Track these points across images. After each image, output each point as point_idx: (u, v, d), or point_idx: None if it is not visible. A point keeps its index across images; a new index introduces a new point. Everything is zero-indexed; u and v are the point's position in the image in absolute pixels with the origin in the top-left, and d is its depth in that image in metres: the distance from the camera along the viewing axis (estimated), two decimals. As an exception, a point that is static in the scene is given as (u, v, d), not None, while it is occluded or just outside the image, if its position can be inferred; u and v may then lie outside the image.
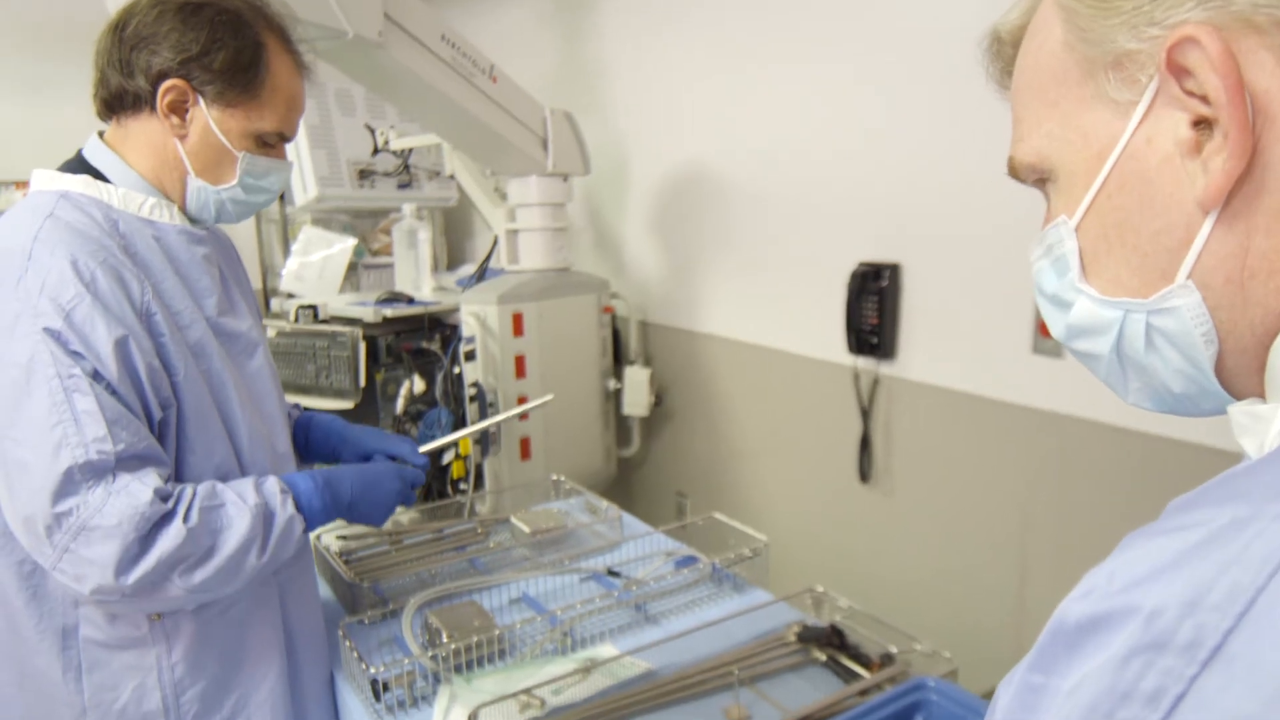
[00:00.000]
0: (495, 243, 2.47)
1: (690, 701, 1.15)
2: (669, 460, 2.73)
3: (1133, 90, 0.43)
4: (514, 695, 1.10)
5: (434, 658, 1.17)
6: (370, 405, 2.36)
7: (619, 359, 2.62)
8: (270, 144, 1.13)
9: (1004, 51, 0.55)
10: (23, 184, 3.15)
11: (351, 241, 3.02)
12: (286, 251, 3.30)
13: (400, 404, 2.34)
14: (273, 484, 1.06)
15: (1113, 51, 0.43)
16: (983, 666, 1.34)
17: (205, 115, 1.06)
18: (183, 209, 1.11)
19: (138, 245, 1.04)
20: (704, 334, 2.51)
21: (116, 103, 1.07)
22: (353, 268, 3.08)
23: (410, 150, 2.71)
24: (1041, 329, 1.68)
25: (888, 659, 1.18)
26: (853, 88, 1.96)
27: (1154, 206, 0.43)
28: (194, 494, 0.99)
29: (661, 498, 2.74)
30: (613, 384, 2.53)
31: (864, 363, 2.00)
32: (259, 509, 1.02)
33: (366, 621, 1.26)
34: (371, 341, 2.32)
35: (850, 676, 1.18)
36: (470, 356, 2.21)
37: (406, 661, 1.16)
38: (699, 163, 2.44)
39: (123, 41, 1.04)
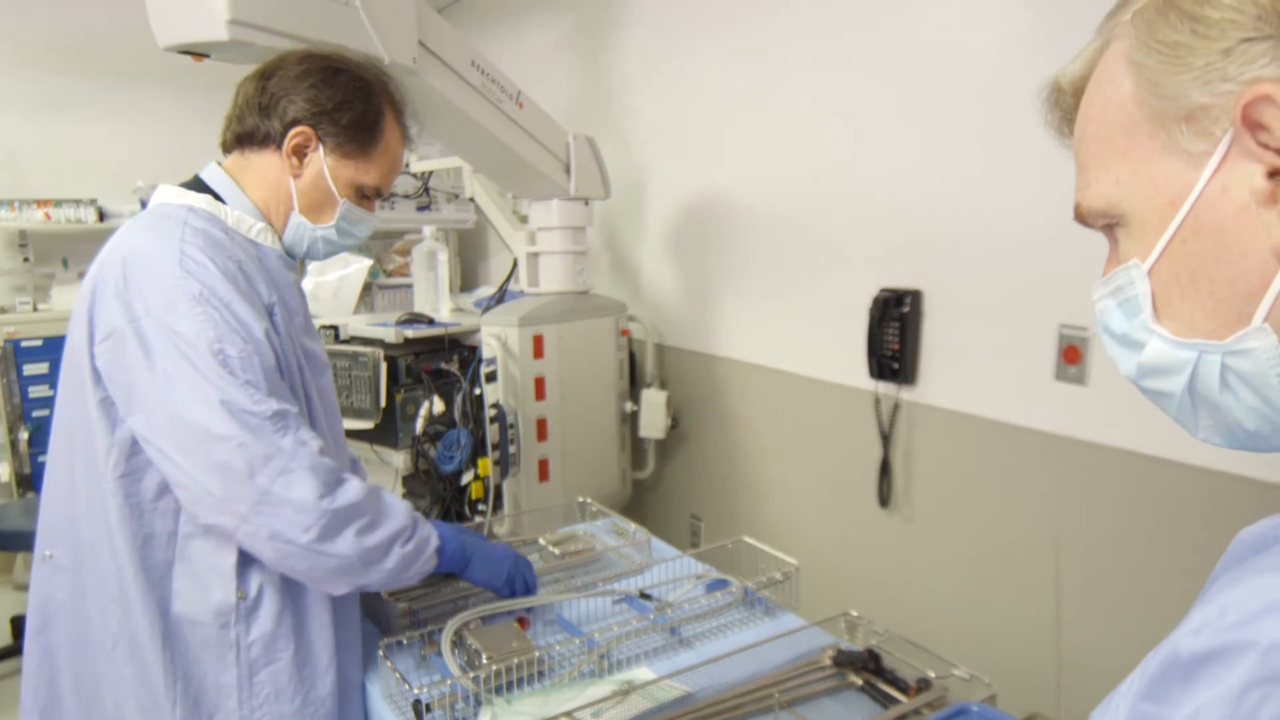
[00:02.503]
0: (515, 265, 2.49)
1: (729, 725, 1.16)
2: (683, 483, 2.74)
3: (1206, 142, 0.45)
4: (556, 718, 1.11)
5: (475, 679, 1.18)
6: (389, 426, 2.37)
7: (635, 381, 2.63)
8: (367, 196, 1.26)
9: (1063, 101, 0.57)
10: (44, 202, 3.17)
11: (367, 262, 3.05)
12: (302, 271, 3.32)
13: (420, 424, 2.35)
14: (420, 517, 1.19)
15: (1185, 105, 0.45)
16: (1012, 691, 1.35)
17: (321, 161, 1.20)
18: (279, 238, 1.23)
19: (248, 261, 1.14)
20: (721, 357, 2.52)
21: (247, 138, 1.20)
22: (367, 288, 3.10)
23: (430, 173, 2.74)
24: (1064, 356, 1.70)
25: (925, 684, 1.19)
26: (876, 115, 1.99)
27: (1230, 253, 0.44)
28: (350, 474, 1.11)
29: (676, 521, 2.75)
30: (629, 406, 2.54)
31: (885, 388, 2.02)
32: (410, 511, 1.15)
33: (405, 642, 1.26)
34: (391, 362, 2.34)
35: (887, 701, 1.19)
36: (491, 378, 2.22)
37: (449, 683, 1.16)
38: (718, 187, 2.47)
39: (265, 89, 1.18)
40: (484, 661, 1.21)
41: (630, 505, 2.65)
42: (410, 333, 2.35)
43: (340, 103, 1.18)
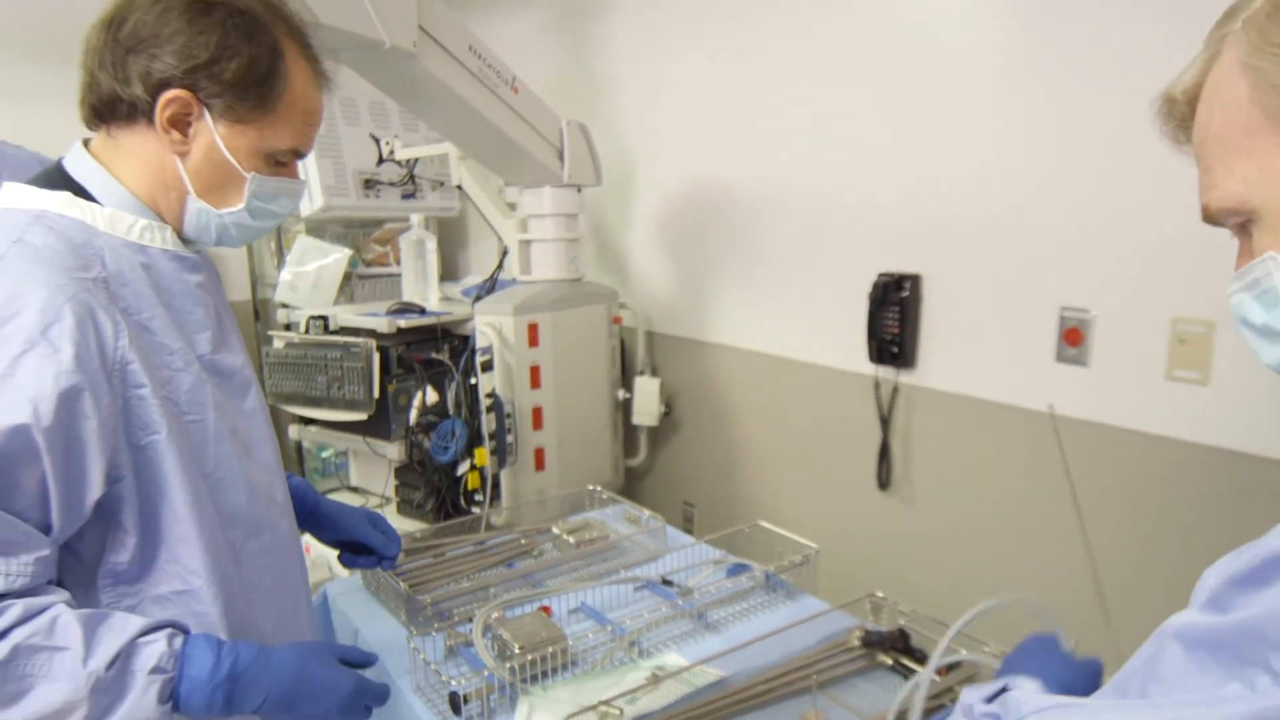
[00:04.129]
0: (505, 253, 2.46)
1: (764, 708, 1.16)
2: (676, 469, 2.74)
3: None
4: (595, 706, 1.10)
5: (510, 669, 1.17)
6: (382, 417, 2.33)
7: (627, 369, 2.62)
8: (283, 162, 1.00)
9: (1177, 110, 0.59)
10: None
11: (347, 252, 2.99)
12: (279, 262, 3.25)
13: (413, 415, 2.32)
14: (153, 652, 0.82)
15: None
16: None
17: (211, 132, 0.93)
18: (178, 230, 0.99)
19: (126, 275, 0.90)
20: (713, 344, 2.53)
21: (107, 111, 0.93)
22: (347, 278, 3.04)
23: (415, 160, 2.70)
24: (1065, 337, 1.73)
25: (954, 662, 1.20)
26: (872, 99, 2.00)
27: None
28: (20, 619, 0.78)
29: (669, 507, 2.75)
30: (622, 394, 2.53)
31: (884, 372, 2.04)
32: (94, 680, 0.79)
33: (434, 633, 1.25)
34: (383, 353, 2.30)
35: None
36: (487, 367, 2.20)
37: (485, 674, 1.15)
38: (710, 174, 2.47)
39: (118, 41, 0.90)
40: (516, 651, 1.20)
41: (623, 493, 2.63)
42: (403, 322, 2.31)
43: (219, 50, 0.90)
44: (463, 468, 2.26)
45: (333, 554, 1.43)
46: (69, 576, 0.88)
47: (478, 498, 2.24)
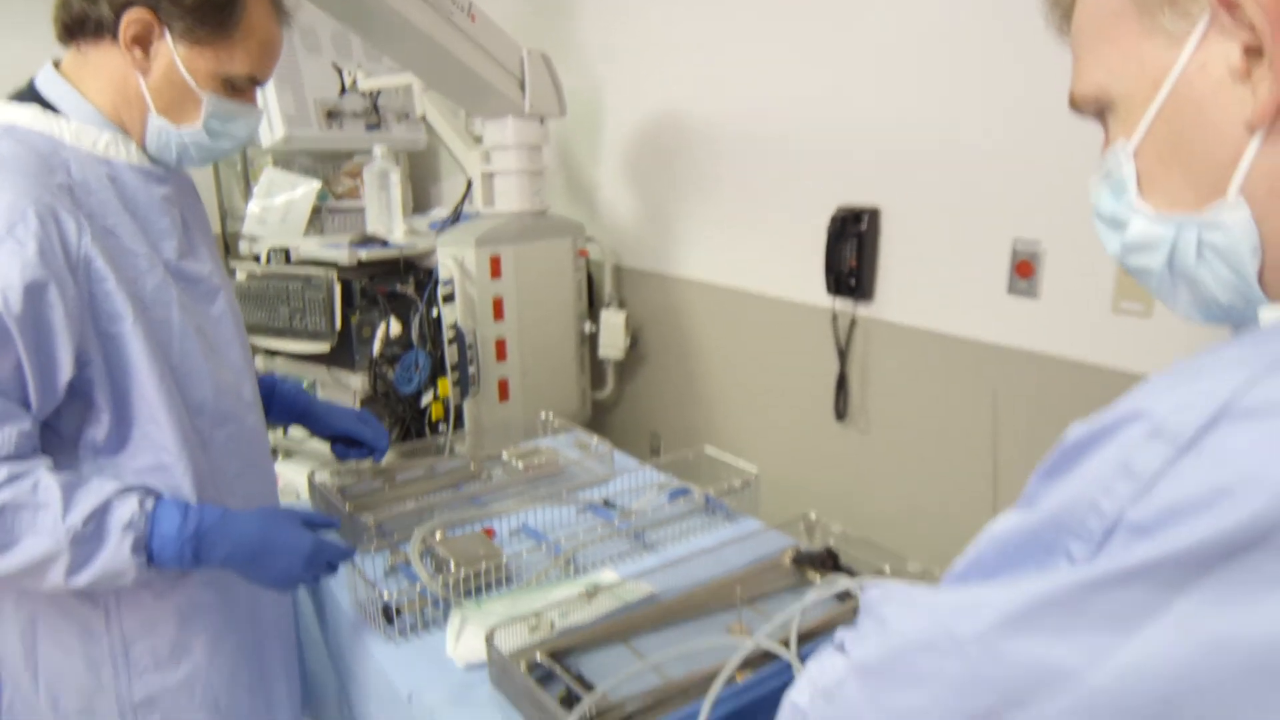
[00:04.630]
0: (469, 186, 2.44)
1: (692, 621, 1.20)
2: (643, 402, 2.77)
3: (1186, 22, 0.47)
4: (524, 618, 1.13)
5: (443, 584, 1.20)
6: (345, 348, 2.34)
7: (593, 302, 2.63)
8: (240, 88, 1.06)
9: (1063, 1, 0.59)
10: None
11: (315, 184, 2.96)
12: (247, 195, 3.22)
13: (376, 346, 2.32)
14: (125, 512, 0.94)
15: None
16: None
17: (171, 52, 1.00)
18: (142, 147, 1.05)
19: (91, 184, 0.98)
20: (679, 278, 2.53)
21: (77, 27, 1.00)
22: (316, 212, 3.02)
23: (379, 91, 2.66)
24: (1017, 270, 1.74)
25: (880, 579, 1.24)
26: (834, 34, 1.97)
27: (1207, 127, 0.47)
28: (4, 481, 0.89)
29: (636, 439, 2.78)
30: (589, 327, 2.54)
31: (841, 304, 2.05)
32: (73, 534, 0.90)
33: (373, 552, 1.27)
34: (345, 284, 2.30)
35: (845, 596, 1.24)
36: (449, 299, 2.20)
37: (417, 587, 1.18)
38: (674, 106, 2.44)
39: None
40: (452, 568, 1.23)
41: (591, 425, 2.66)
42: (364, 254, 2.30)
43: None
44: (426, 398, 2.28)
45: (301, 481, 1.49)
46: (54, 451, 0.98)
47: (441, 428, 2.26)
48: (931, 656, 0.45)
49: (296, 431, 2.70)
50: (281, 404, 1.39)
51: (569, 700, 0.98)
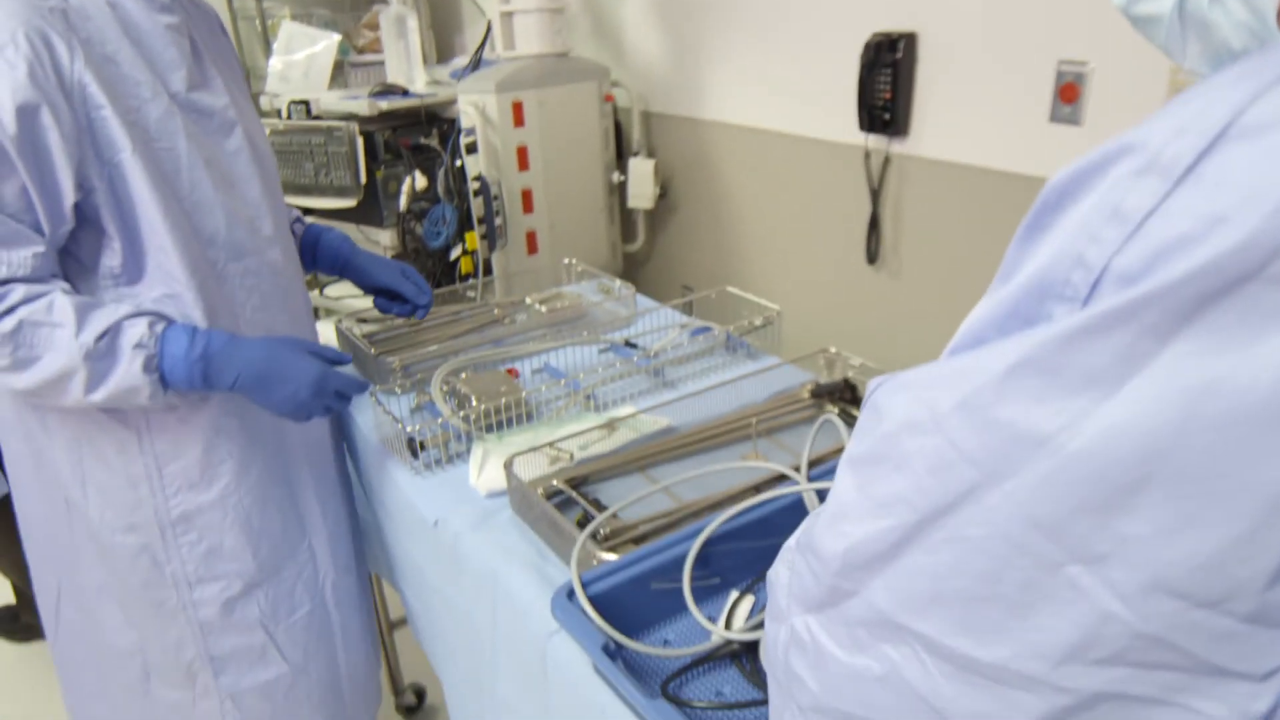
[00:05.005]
0: (489, 29, 2.35)
1: (709, 452, 1.22)
2: (674, 254, 2.73)
3: None
4: (543, 447, 1.16)
5: (465, 418, 1.23)
6: (372, 202, 2.33)
7: (621, 151, 2.56)
8: None
9: None
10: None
11: (335, 38, 2.88)
12: (267, 52, 3.15)
13: (403, 201, 2.31)
14: (136, 333, 0.98)
15: None
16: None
17: None
18: None
19: (88, 9, 0.97)
20: (709, 121, 2.44)
21: None
22: (339, 67, 2.95)
23: (391, -72, 2.53)
24: (1061, 95, 1.64)
25: (898, 409, 1.23)
26: None
27: None
28: (22, 299, 0.93)
29: (668, 292, 2.77)
30: (616, 176, 2.49)
31: (875, 141, 1.96)
32: (87, 351, 0.95)
33: (398, 391, 1.30)
34: (369, 137, 2.26)
35: (861, 426, 1.24)
36: (471, 149, 2.16)
37: (439, 422, 1.21)
38: (702, -68, 2.29)
39: None
40: (474, 403, 1.25)
41: (621, 278, 2.66)
42: (384, 104, 2.26)
43: None
44: (455, 252, 2.28)
45: (331, 332, 1.51)
46: (76, 279, 1.02)
47: (471, 282, 2.27)
48: (914, 436, 0.42)
49: (335, 289, 2.74)
50: (325, 254, 1.40)
51: (585, 524, 1.01)
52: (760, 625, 0.83)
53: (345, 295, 2.71)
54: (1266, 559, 0.33)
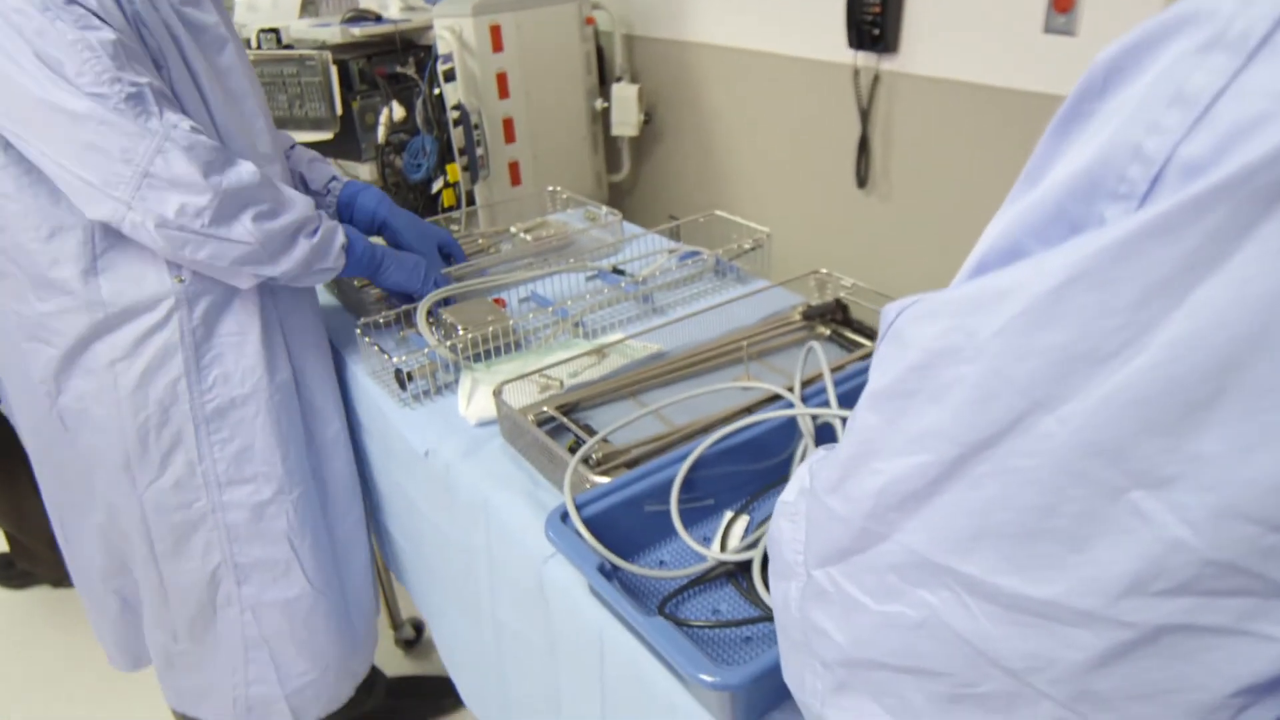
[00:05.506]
0: (463, -51, 2.26)
1: (700, 376, 1.20)
2: (660, 183, 2.69)
3: None
4: (532, 374, 1.15)
5: (452, 348, 1.21)
6: (350, 135, 2.27)
7: (604, 77, 2.49)
8: None
9: None
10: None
11: (304, -37, 2.77)
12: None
13: (381, 133, 2.25)
14: (339, 236, 1.16)
15: None
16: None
17: None
18: None
19: None
20: (693, 43, 2.37)
21: None
22: (309, -6, 2.84)
23: None
24: (1055, 4, 1.59)
25: (890, 328, 1.22)
26: None
27: None
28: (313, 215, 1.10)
29: (654, 222, 2.71)
30: (599, 103, 2.43)
31: (864, 58, 1.91)
32: (311, 205, 1.11)
33: (382, 323, 1.28)
34: (343, 66, 2.19)
35: (855, 347, 1.23)
36: (449, 76, 2.09)
37: (426, 351, 1.19)
38: None
39: None
40: (461, 333, 1.23)
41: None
42: (357, 31, 2.17)
43: None
44: (437, 185, 2.23)
45: None
46: None
47: (455, 214, 2.22)
48: (950, 365, 0.38)
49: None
50: (362, 214, 1.41)
51: (576, 450, 1.00)
52: (755, 544, 0.83)
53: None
54: None
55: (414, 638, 1.99)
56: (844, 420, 0.94)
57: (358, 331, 1.25)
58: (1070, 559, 0.35)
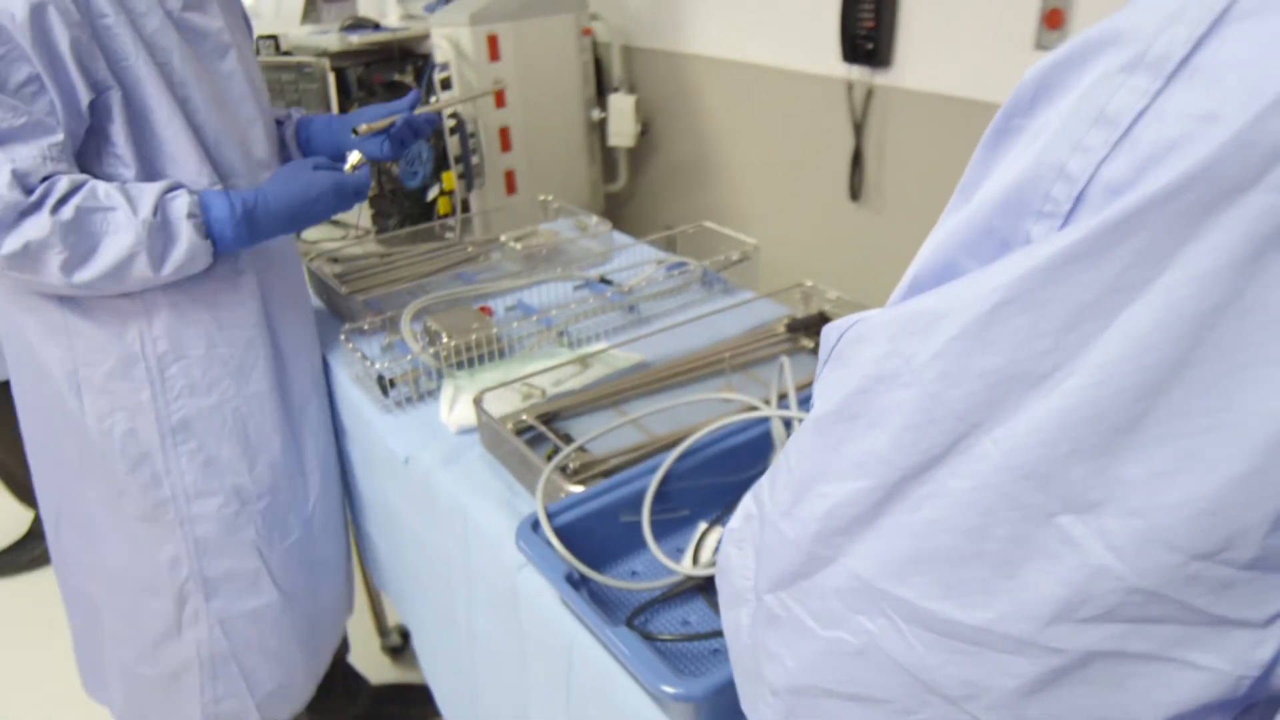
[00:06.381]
0: (462, -41, 2.27)
1: (682, 387, 1.20)
2: (657, 193, 2.69)
3: None
4: (514, 383, 1.15)
5: (435, 355, 1.21)
6: (347, 142, 2.28)
7: (601, 88, 2.50)
8: None
9: None
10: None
11: (306, -30, 2.79)
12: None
13: (378, 140, 2.26)
14: (182, 203, 1.00)
15: None
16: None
17: None
18: None
19: None
20: (690, 55, 2.38)
21: None
22: (311, 2, 2.86)
23: None
24: (1046, 20, 1.59)
25: (873, 342, 1.22)
26: None
27: None
28: (73, 188, 0.94)
29: (650, 233, 2.73)
30: (596, 113, 2.44)
31: (858, 72, 1.92)
32: (149, 226, 0.97)
33: (366, 329, 1.28)
34: (341, 74, 2.20)
35: (837, 359, 1.23)
36: (446, 85, 2.10)
37: (409, 358, 1.19)
38: None
39: None
40: (445, 340, 1.23)
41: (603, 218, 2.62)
42: (356, 39, 2.19)
43: None
44: (433, 193, 2.24)
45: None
46: None
47: (450, 222, 2.23)
48: (889, 389, 0.38)
49: (311, 233, 2.69)
50: (320, 134, 1.38)
51: (555, 458, 1.00)
52: (727, 555, 0.83)
53: (320, 239, 2.67)
54: (1270, 501, 0.30)
55: (400, 645, 1.98)
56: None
57: (341, 337, 1.25)
58: (1002, 584, 0.36)
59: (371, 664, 1.87)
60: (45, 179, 0.93)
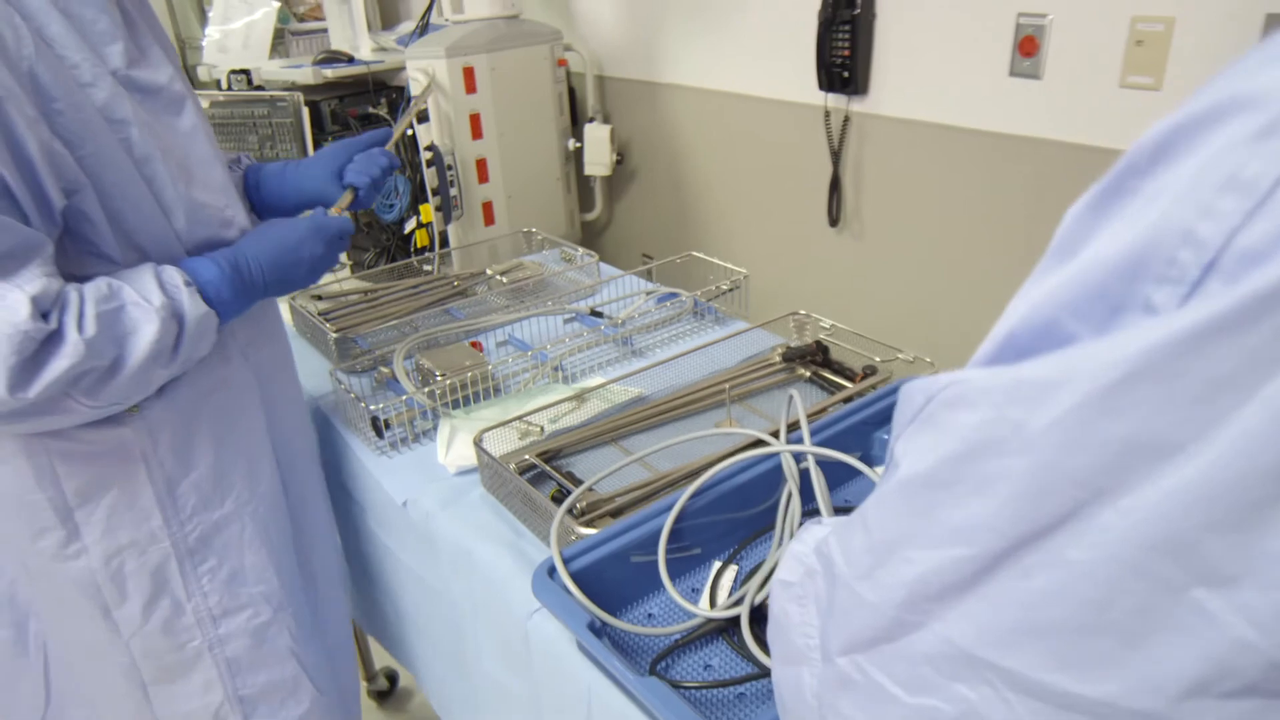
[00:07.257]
0: (436, -8, 2.27)
1: (682, 420, 1.20)
2: (633, 222, 2.70)
3: None
4: (512, 421, 1.13)
5: (430, 394, 1.19)
6: (321, 176, 2.25)
7: (576, 117, 2.51)
8: None
9: None
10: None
11: (275, 4, 2.76)
12: (203, 21, 3.02)
13: (353, 173, 2.24)
14: (174, 276, 0.90)
15: None
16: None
17: None
18: None
19: None
20: (665, 84, 2.39)
21: None
22: (280, 35, 2.83)
23: (328, -112, 2.42)
24: (1020, 48, 1.62)
25: (871, 370, 1.22)
26: None
27: None
28: (82, 298, 0.83)
29: (628, 261, 2.73)
30: (572, 143, 2.44)
31: (835, 100, 1.94)
32: (166, 309, 0.87)
33: (359, 370, 1.26)
34: (314, 108, 2.18)
35: (835, 389, 1.23)
36: (422, 117, 2.09)
37: (404, 399, 1.17)
38: (652, -112, 2.22)
39: None
40: (438, 378, 1.21)
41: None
42: (330, 73, 2.17)
43: None
44: (410, 226, 2.21)
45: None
46: None
47: (428, 255, 2.21)
48: (995, 457, 0.36)
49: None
50: (272, 182, 1.22)
51: (560, 499, 0.99)
52: (744, 599, 0.82)
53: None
54: None
55: (387, 689, 1.94)
56: (822, 460, 0.94)
57: (331, 377, 1.22)
58: (1127, 656, 0.34)
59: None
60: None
